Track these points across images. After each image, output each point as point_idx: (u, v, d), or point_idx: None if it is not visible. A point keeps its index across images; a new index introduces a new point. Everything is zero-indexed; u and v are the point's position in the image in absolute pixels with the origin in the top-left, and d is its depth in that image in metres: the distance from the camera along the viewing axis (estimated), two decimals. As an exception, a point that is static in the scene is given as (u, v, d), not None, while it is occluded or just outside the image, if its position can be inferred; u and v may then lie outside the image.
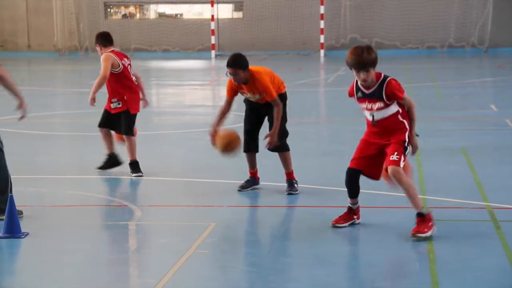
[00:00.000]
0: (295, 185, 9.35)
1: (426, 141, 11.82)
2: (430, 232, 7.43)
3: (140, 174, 10.45)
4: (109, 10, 38.18)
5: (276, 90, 9.16)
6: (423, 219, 7.48)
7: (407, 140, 7.63)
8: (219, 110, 9.35)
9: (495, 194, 9.21)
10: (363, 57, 7.51)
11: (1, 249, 7.43)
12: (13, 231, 7.64)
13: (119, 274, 6.76)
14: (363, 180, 7.91)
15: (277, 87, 9.22)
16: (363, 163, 7.77)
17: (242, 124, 9.59)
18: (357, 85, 7.70)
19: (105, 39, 10.64)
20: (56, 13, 37.02)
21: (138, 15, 38.60)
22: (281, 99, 9.19)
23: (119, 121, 10.57)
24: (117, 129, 10.67)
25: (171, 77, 27.68)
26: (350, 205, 7.98)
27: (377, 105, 7.61)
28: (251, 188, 9.51)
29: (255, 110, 9.34)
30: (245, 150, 9.43)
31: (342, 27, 36.11)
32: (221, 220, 8.40)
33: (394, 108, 7.61)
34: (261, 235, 8.12)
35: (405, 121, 7.66)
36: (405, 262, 7.01)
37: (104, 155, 10.76)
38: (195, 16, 37.98)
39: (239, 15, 37.60)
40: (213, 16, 36.27)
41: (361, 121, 7.88)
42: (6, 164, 8.28)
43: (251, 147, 9.44)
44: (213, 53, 35.72)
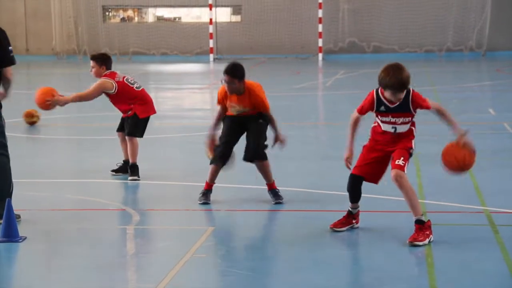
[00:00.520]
0: (279, 194, 9.20)
1: (424, 146, 11.81)
2: (427, 240, 7.41)
3: (136, 178, 10.43)
4: (107, 13, 38.13)
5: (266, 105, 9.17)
6: (421, 226, 7.46)
7: (413, 147, 7.65)
8: (215, 116, 9.28)
9: (493, 198, 9.21)
10: (404, 78, 7.40)
11: (-1, 253, 7.43)
12: (11, 235, 7.63)
13: (117, 278, 6.75)
14: (363, 184, 7.90)
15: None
16: (366, 170, 7.77)
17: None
18: (378, 99, 7.57)
19: (104, 61, 10.59)
20: (54, 17, 36.99)
21: (136, 19, 38.57)
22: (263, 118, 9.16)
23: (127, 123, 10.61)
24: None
25: (170, 81, 27.66)
26: (350, 209, 7.97)
27: (401, 120, 7.58)
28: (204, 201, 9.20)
29: (236, 122, 9.22)
30: (217, 161, 9.13)
31: (340, 31, 36.11)
32: (219, 224, 8.40)
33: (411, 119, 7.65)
34: (259, 239, 8.12)
35: (413, 128, 7.69)
36: (404, 266, 7.00)
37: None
38: (193, 19, 37.97)
39: (237, 18, 37.59)
40: (211, 19, 36.25)
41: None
42: (11, 171, 8.31)
43: (224, 159, 9.14)
44: (212, 56, 35.70)
